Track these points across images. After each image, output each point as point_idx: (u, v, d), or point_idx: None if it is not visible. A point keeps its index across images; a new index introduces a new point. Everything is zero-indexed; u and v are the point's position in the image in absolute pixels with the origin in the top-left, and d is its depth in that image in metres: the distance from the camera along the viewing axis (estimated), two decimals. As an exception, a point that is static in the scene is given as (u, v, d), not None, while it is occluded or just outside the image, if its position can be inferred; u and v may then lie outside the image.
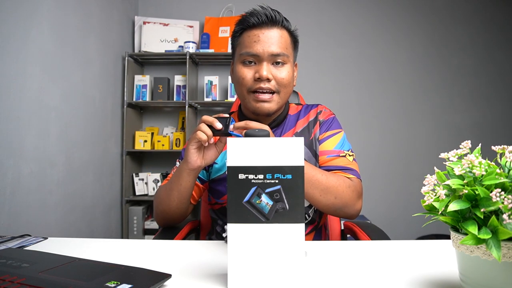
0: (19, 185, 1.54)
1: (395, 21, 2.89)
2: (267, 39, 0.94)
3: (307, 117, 1.08)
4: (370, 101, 2.87)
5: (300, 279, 0.55)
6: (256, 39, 0.95)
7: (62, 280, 0.53)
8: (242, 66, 0.97)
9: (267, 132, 0.76)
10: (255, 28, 0.96)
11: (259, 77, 0.94)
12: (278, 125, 1.05)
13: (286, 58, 0.96)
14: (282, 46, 0.95)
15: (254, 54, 0.95)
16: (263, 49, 0.94)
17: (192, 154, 0.84)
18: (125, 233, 2.57)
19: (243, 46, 0.97)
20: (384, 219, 2.62)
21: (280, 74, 0.96)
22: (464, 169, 0.48)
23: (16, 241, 0.83)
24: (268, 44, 0.94)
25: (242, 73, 0.97)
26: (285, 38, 0.97)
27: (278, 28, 0.96)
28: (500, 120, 2.85)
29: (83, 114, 2.08)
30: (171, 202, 0.94)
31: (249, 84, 0.96)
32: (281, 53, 0.95)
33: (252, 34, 0.96)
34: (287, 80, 0.97)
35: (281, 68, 0.96)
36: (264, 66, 0.94)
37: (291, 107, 1.11)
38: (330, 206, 0.90)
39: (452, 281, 0.58)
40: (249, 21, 0.96)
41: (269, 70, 0.95)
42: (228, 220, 0.56)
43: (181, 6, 2.89)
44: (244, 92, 0.98)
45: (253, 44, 0.95)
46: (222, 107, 2.85)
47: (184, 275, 0.62)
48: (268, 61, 0.95)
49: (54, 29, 1.79)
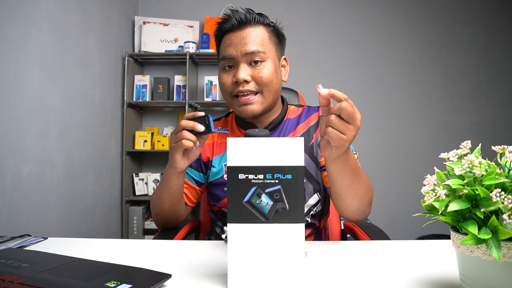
0: (19, 185, 1.54)
1: (395, 21, 2.89)
2: (239, 40, 0.93)
3: (307, 121, 1.05)
4: (370, 101, 2.87)
5: (300, 279, 0.55)
6: (229, 43, 0.94)
7: (62, 280, 0.53)
8: (222, 72, 0.97)
9: (267, 132, 0.76)
10: (229, 33, 0.96)
11: (237, 80, 0.93)
12: (275, 128, 1.03)
13: (264, 55, 0.94)
14: (256, 43, 0.93)
15: (229, 58, 0.94)
16: (236, 51, 0.93)
17: (179, 160, 0.85)
18: (125, 233, 2.57)
19: (221, 52, 0.98)
20: (384, 219, 2.61)
21: (259, 73, 0.93)
22: (464, 169, 0.48)
23: (16, 241, 0.83)
24: (240, 45, 0.93)
25: (222, 79, 0.96)
26: (260, 35, 0.94)
27: (251, 27, 0.94)
28: (500, 120, 2.85)
29: (83, 114, 2.08)
30: (163, 205, 0.96)
31: (230, 89, 0.96)
32: (256, 50, 0.93)
33: (226, 39, 0.96)
34: (267, 78, 0.94)
35: (259, 66, 0.94)
36: (240, 68, 0.93)
37: (290, 109, 1.08)
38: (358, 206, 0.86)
39: (452, 281, 0.58)
40: (223, 27, 0.96)
41: (246, 71, 0.93)
42: (228, 220, 0.56)
43: (181, 6, 2.89)
44: (228, 98, 0.98)
45: (227, 48, 0.95)
46: (222, 107, 2.85)
47: (184, 275, 0.62)
48: (245, 62, 0.93)
49: (54, 29, 1.79)
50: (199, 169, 1.06)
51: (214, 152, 1.05)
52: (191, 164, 1.05)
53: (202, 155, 1.05)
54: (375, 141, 2.84)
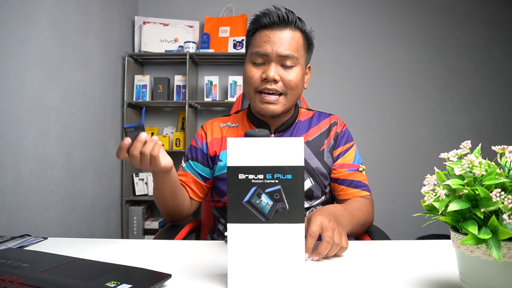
0: (19, 185, 1.54)
1: (395, 21, 2.89)
2: (277, 39, 0.93)
3: (319, 126, 1.06)
4: (370, 101, 2.87)
5: (300, 279, 0.55)
6: (266, 39, 0.94)
7: (62, 280, 0.53)
8: (251, 66, 0.97)
9: (267, 132, 0.76)
10: (266, 28, 0.95)
11: (266, 77, 0.93)
12: (286, 129, 1.04)
13: (296, 61, 0.95)
14: (292, 48, 0.94)
15: (263, 54, 0.94)
16: (272, 50, 0.93)
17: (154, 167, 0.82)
18: (125, 233, 2.57)
19: (254, 46, 0.97)
20: (384, 219, 2.61)
21: (288, 76, 0.94)
22: (464, 169, 0.48)
23: (16, 241, 0.83)
24: (277, 45, 0.93)
25: (250, 73, 0.96)
26: (296, 40, 0.95)
27: (290, 30, 0.95)
28: (500, 120, 2.85)
29: (83, 114, 2.08)
30: (167, 203, 0.97)
31: (256, 84, 0.96)
32: (290, 55, 0.93)
33: (263, 34, 0.95)
34: (295, 83, 0.95)
35: (290, 70, 0.95)
36: (272, 67, 0.93)
37: (301, 112, 1.10)
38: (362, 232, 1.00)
39: (452, 281, 0.58)
40: (261, 21, 0.95)
41: (276, 71, 0.94)
42: (228, 220, 0.56)
43: (181, 6, 2.89)
44: (251, 92, 0.98)
45: (263, 44, 0.94)
46: (222, 107, 2.85)
47: (184, 275, 0.62)
48: (277, 62, 0.94)
49: (54, 29, 1.79)
50: (205, 164, 1.06)
51: (222, 147, 1.05)
52: (197, 158, 1.06)
53: (209, 149, 1.06)
54: (375, 141, 2.84)
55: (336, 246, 0.71)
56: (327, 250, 0.70)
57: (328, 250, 0.70)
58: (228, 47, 2.68)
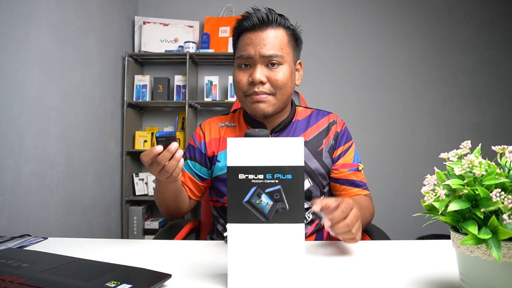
0: (19, 185, 1.54)
1: (395, 21, 2.89)
2: (259, 41, 0.93)
3: (317, 125, 1.06)
4: (370, 101, 2.87)
5: (300, 279, 0.55)
6: (249, 42, 0.94)
7: (62, 280, 0.53)
8: (238, 70, 0.97)
9: (267, 132, 0.76)
10: (249, 31, 0.95)
11: (253, 80, 0.93)
12: (283, 129, 1.04)
13: (282, 59, 0.94)
14: (275, 47, 0.93)
15: (247, 57, 0.94)
16: (255, 51, 0.93)
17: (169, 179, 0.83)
18: (125, 233, 2.57)
19: (238, 50, 0.98)
20: (384, 219, 2.61)
21: (275, 76, 0.94)
22: (464, 169, 0.48)
23: (16, 241, 0.83)
24: (260, 46, 0.93)
25: (238, 77, 0.97)
26: (280, 38, 0.95)
27: (272, 29, 0.94)
28: (500, 120, 2.85)
29: (83, 114, 2.08)
30: (169, 205, 0.99)
31: (244, 88, 0.96)
32: (274, 54, 0.93)
33: (245, 38, 0.95)
34: (283, 82, 0.95)
35: (276, 69, 0.94)
36: (257, 69, 0.93)
37: (299, 111, 1.09)
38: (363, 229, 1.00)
39: (452, 281, 0.58)
40: (243, 25, 0.96)
41: (262, 72, 0.93)
42: (228, 220, 0.56)
43: (181, 6, 2.89)
44: (241, 96, 0.98)
45: (246, 47, 0.94)
46: (222, 107, 2.85)
47: (184, 275, 0.62)
48: (262, 63, 0.94)
49: (54, 29, 1.79)
50: (203, 163, 1.06)
51: (220, 147, 1.05)
52: (195, 158, 1.06)
53: (208, 149, 1.06)
54: (375, 141, 2.84)
55: (350, 234, 0.71)
56: (342, 222, 0.70)
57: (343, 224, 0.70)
58: (228, 47, 2.68)
